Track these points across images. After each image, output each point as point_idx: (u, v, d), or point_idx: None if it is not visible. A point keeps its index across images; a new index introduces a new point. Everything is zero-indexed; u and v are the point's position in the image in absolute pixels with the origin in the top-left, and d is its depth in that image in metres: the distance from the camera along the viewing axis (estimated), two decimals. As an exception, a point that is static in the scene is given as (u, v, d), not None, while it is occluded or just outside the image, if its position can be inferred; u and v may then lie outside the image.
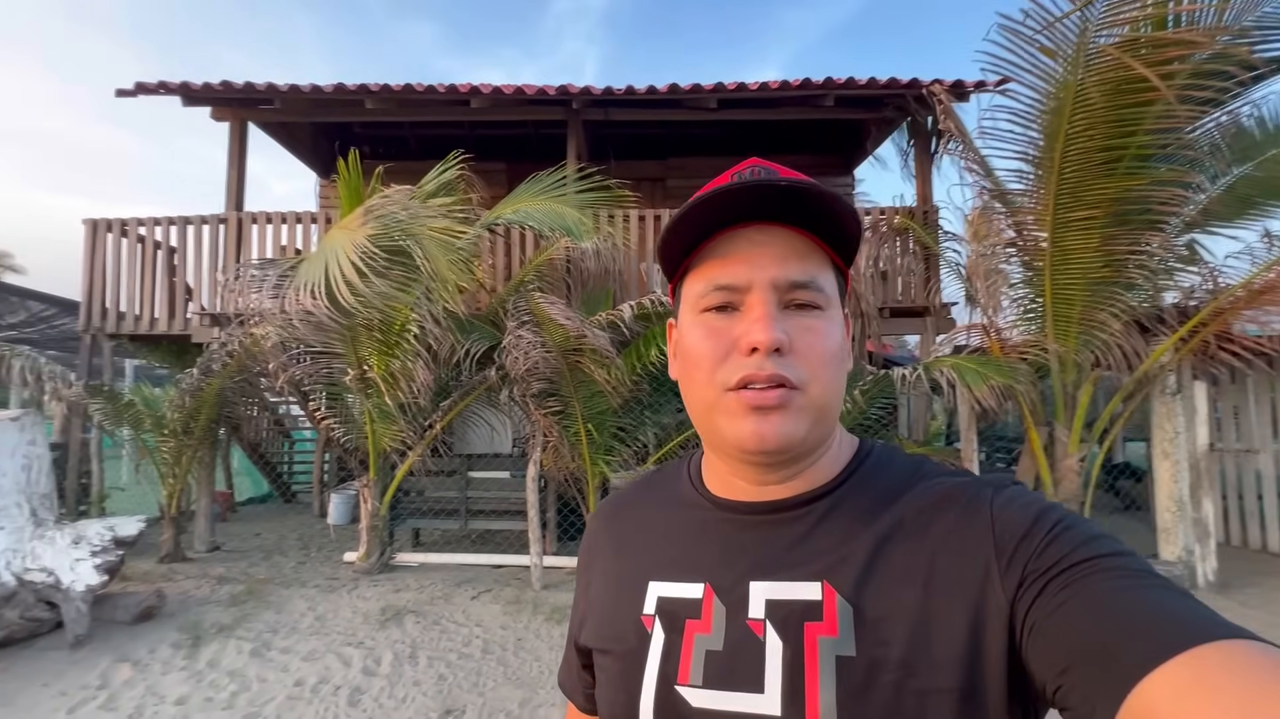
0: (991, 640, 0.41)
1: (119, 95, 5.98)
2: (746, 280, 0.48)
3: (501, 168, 7.82)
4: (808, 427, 0.48)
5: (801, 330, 0.48)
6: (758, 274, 0.48)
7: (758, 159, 0.53)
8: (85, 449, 6.00)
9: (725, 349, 0.48)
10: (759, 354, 0.47)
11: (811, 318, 0.49)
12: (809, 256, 0.49)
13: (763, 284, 0.48)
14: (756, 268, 0.48)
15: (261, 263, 4.46)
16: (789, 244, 0.49)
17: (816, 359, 0.48)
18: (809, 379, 0.48)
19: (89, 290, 5.95)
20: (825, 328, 0.49)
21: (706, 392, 0.50)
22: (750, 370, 0.47)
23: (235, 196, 6.18)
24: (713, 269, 0.50)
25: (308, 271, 3.87)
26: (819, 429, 0.50)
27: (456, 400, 5.08)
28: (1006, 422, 6.60)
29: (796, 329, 0.48)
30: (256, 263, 4.50)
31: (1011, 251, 4.70)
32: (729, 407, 0.48)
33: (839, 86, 5.77)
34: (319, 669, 3.28)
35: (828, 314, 0.49)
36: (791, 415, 0.47)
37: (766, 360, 0.47)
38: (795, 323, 0.48)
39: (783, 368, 0.47)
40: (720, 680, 0.47)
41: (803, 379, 0.47)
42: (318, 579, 4.76)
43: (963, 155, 4.66)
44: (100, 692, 3.05)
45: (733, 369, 0.48)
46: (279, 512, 7.75)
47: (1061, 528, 0.43)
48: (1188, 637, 0.33)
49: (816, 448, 0.52)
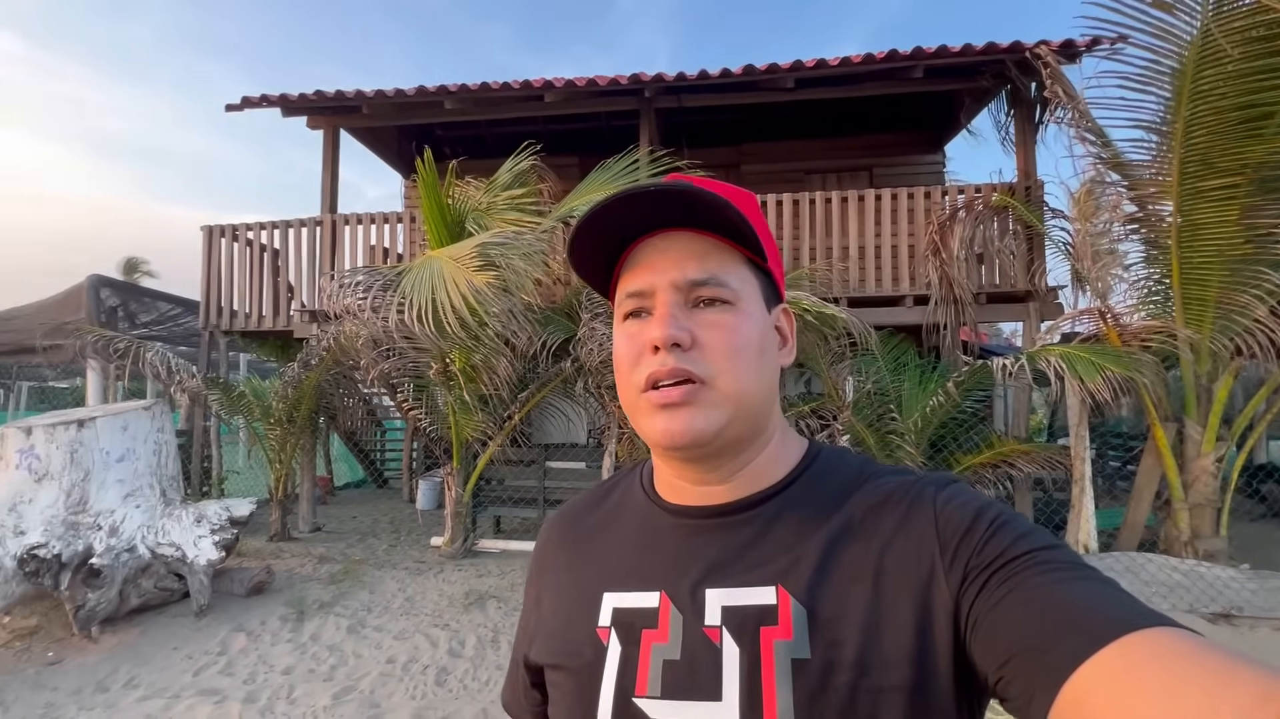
0: (939, 636, 0.42)
1: (228, 110, 6.48)
2: (650, 285, 0.50)
3: (574, 161, 7.88)
4: (722, 420, 0.49)
5: (706, 325, 0.49)
6: (658, 278, 0.50)
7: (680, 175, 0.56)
8: (206, 436, 6.60)
9: (638, 352, 0.50)
10: (662, 351, 0.48)
11: (718, 313, 0.50)
12: (710, 255, 0.50)
13: (663, 286, 0.50)
14: (657, 272, 0.50)
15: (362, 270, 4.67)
16: (689, 246, 0.50)
17: (722, 352, 0.49)
18: (715, 373, 0.48)
19: (206, 290, 6.51)
20: (733, 321, 0.49)
21: (626, 394, 0.52)
22: (655, 368, 0.49)
23: (329, 200, 6.57)
24: (627, 278, 0.52)
25: (414, 292, 3.99)
26: (740, 424, 0.50)
27: (534, 392, 5.18)
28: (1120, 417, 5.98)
29: (702, 324, 0.49)
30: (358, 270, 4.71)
31: (1132, 228, 4.23)
32: (642, 407, 0.50)
33: (929, 56, 5.38)
34: (408, 648, 3.44)
35: (738, 308, 0.50)
36: (700, 410, 0.48)
37: (669, 357, 0.48)
38: (701, 318, 0.49)
39: (686, 362, 0.48)
40: (678, 691, 0.46)
41: (708, 373, 0.48)
42: (407, 562, 5.00)
43: (1073, 123, 4.22)
44: (220, 657, 3.33)
45: (643, 369, 0.49)
46: (372, 496, 8.25)
47: (999, 524, 0.44)
48: (1117, 627, 0.34)
49: (745, 442, 0.52)
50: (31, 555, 3.37)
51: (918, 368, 4.90)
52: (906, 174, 7.56)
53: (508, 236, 4.17)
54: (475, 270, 3.95)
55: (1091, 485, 4.15)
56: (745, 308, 0.51)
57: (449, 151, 7.78)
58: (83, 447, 3.78)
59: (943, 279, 5.03)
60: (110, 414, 3.98)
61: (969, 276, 5.20)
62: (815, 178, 7.81)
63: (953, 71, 5.65)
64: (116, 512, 3.79)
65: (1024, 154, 5.55)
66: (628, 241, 0.53)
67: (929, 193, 5.62)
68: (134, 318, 7.22)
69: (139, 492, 3.96)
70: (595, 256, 0.54)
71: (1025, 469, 4.39)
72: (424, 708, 2.83)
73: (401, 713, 2.78)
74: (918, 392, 4.68)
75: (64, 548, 3.45)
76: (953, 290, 5.00)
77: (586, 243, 0.52)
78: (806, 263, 5.62)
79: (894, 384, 4.88)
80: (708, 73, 5.72)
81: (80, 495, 3.73)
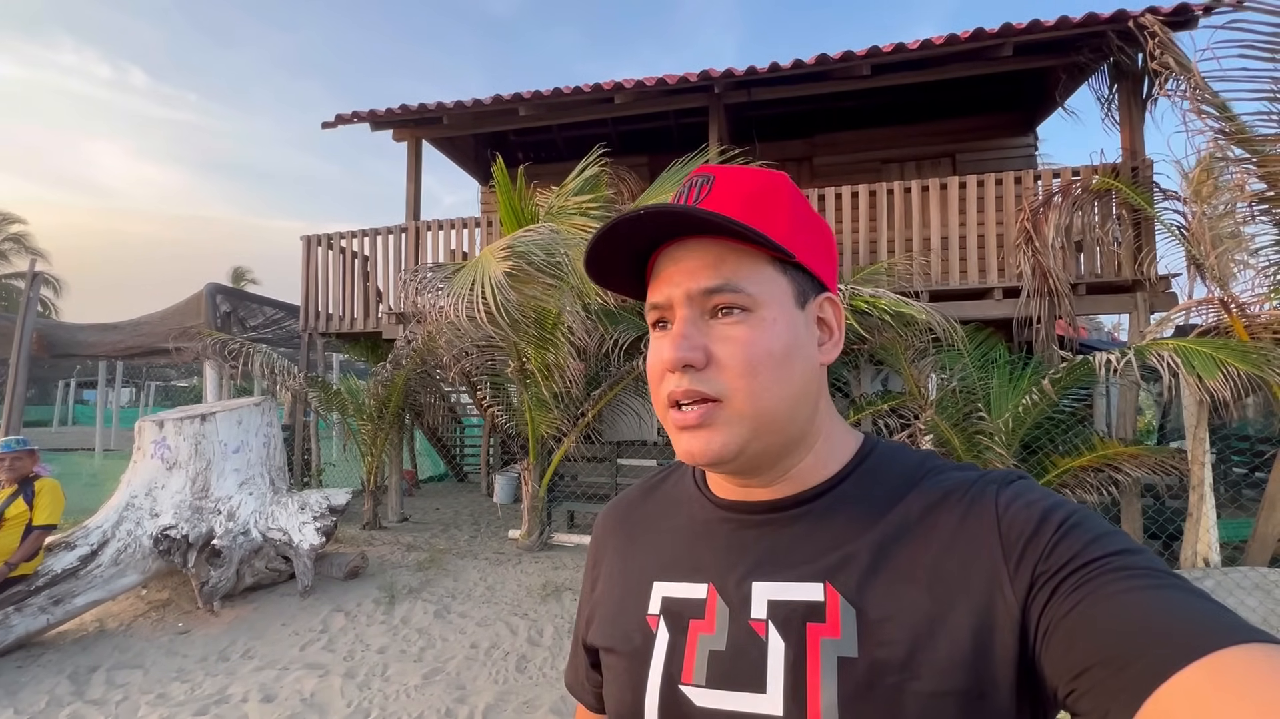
0: (1000, 644, 0.41)
1: (323, 127, 6.97)
2: (666, 298, 0.50)
3: (644, 161, 7.95)
4: (742, 438, 0.48)
5: (721, 340, 0.48)
6: (674, 290, 0.49)
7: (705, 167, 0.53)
8: (306, 430, 7.13)
9: (660, 370, 0.50)
10: (677, 372, 0.48)
11: (734, 324, 0.48)
12: (725, 260, 0.48)
13: (679, 300, 0.49)
14: (673, 284, 0.49)
15: (428, 267, 4.95)
16: (703, 254, 0.49)
17: (737, 369, 0.47)
18: (730, 391, 0.47)
19: (305, 295, 7.03)
20: (749, 334, 0.48)
21: (657, 408, 0.52)
22: (672, 387, 0.49)
23: (414, 208, 6.94)
24: (650, 289, 0.52)
25: (460, 283, 4.21)
26: (766, 438, 0.49)
27: (606, 390, 5.27)
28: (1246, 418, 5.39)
29: (717, 339, 0.48)
30: (426, 267, 5.00)
31: (1261, 208, 3.81)
32: (669, 424, 0.50)
33: (1019, 32, 5.05)
34: (490, 634, 3.59)
35: (756, 315, 0.48)
36: (718, 431, 0.48)
37: (684, 378, 0.48)
38: (718, 332, 0.48)
39: (700, 383, 0.47)
40: (723, 680, 0.47)
41: (723, 392, 0.47)
42: (487, 552, 5.22)
43: (1187, 96, 3.85)
44: (322, 635, 3.60)
45: (664, 387, 0.50)
46: (453, 489, 8.65)
47: (1069, 525, 0.42)
48: (1205, 641, 0.32)
49: (778, 453, 0.50)
50: (164, 535, 3.76)
51: (1007, 364, 4.62)
52: (993, 159, 7.12)
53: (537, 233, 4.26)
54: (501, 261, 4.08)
55: (1212, 493, 3.77)
56: (766, 313, 0.48)
57: (522, 156, 8.03)
58: (205, 439, 4.18)
59: (1036, 270, 4.71)
60: (227, 409, 4.38)
61: (1065, 266, 4.85)
62: (893, 167, 7.50)
63: (1046, 47, 5.27)
64: (233, 498, 4.17)
65: (1129, 132, 5.11)
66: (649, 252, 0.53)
67: (1019, 178, 5.27)
68: (244, 322, 7.90)
69: (251, 480, 4.33)
70: (622, 270, 0.54)
71: (1133, 473, 4.05)
72: (506, 692, 2.95)
73: (485, 695, 2.91)
74: (1008, 389, 4.41)
75: (190, 529, 3.83)
76: (1047, 281, 4.67)
77: (603, 263, 0.52)
78: (885, 256, 5.41)
79: (981, 381, 4.62)
80: (779, 65, 5.61)
81: (204, 483, 4.12)
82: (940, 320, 4.26)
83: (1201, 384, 3.46)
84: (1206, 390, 3.48)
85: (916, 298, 4.90)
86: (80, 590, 3.57)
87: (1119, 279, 4.92)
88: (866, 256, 5.54)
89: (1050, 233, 4.61)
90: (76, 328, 8.28)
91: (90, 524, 3.84)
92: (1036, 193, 5.13)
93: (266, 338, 7.98)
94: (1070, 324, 5.00)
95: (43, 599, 3.43)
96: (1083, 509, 0.44)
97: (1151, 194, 4.68)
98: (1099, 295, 5.12)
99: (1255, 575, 3.42)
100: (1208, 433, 3.83)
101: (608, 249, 0.51)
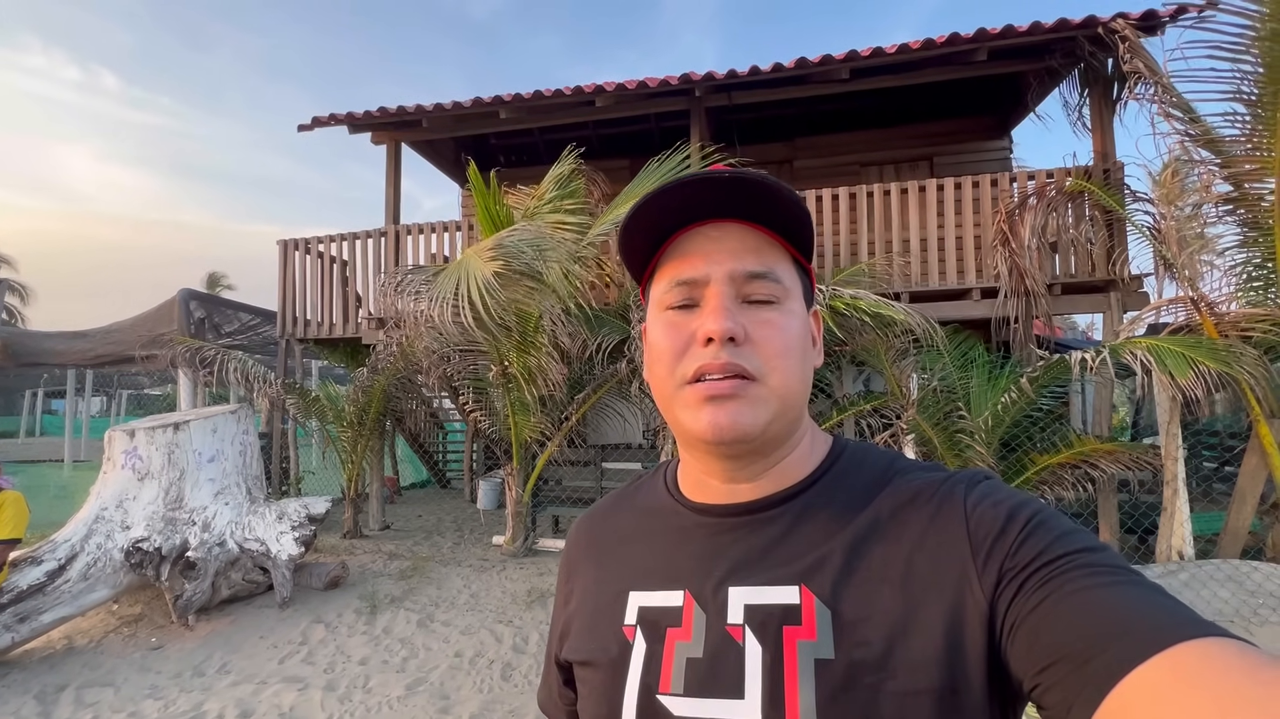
0: (970, 640, 0.41)
1: (300, 130, 6.85)
2: (704, 274, 0.50)
3: (624, 164, 7.93)
4: (768, 417, 0.48)
5: (758, 323, 0.49)
6: (714, 268, 0.49)
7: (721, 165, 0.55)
8: (284, 438, 7.00)
9: (684, 343, 0.49)
10: (714, 344, 0.48)
11: (768, 311, 0.49)
12: (765, 250, 0.50)
13: (719, 277, 0.49)
14: (713, 262, 0.49)
15: (409, 270, 4.89)
16: (744, 239, 0.50)
17: (773, 350, 0.48)
18: (766, 370, 0.48)
19: (282, 301, 6.91)
20: (782, 320, 0.49)
21: (666, 386, 0.51)
22: (706, 361, 0.48)
23: (393, 211, 6.86)
24: (673, 267, 0.51)
25: (444, 286, 4.16)
26: (782, 421, 0.50)
27: (590, 393, 5.25)
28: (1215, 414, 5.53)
29: (753, 322, 0.49)
30: (405, 270, 4.94)
31: (1226, 209, 3.91)
32: (687, 399, 0.49)
33: (993, 37, 5.14)
34: (475, 643, 3.54)
35: (786, 307, 0.50)
36: (748, 405, 0.48)
37: (721, 350, 0.47)
38: (752, 316, 0.49)
39: (738, 357, 0.47)
40: (701, 688, 0.47)
41: (759, 369, 0.48)
42: (471, 559, 5.16)
43: (1156, 99, 3.94)
44: (302, 647, 3.53)
45: (690, 361, 0.49)
46: (436, 496, 8.54)
47: (1035, 524, 0.43)
48: (1165, 636, 0.33)
49: (782, 441, 0.52)
50: (136, 548, 3.66)
51: (986, 363, 4.68)
52: (970, 162, 7.24)
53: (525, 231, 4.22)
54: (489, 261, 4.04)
55: (1185, 487, 3.85)
56: (792, 306, 0.51)
57: (503, 159, 8.00)
58: (178, 448, 4.08)
59: (1013, 270, 4.79)
60: (202, 418, 4.28)
61: (1041, 267, 4.93)
62: (872, 170, 7.58)
63: (1019, 52, 5.37)
64: (209, 508, 4.07)
65: (1100, 135, 5.22)
66: (670, 231, 0.52)
67: (995, 180, 5.36)
68: (218, 328, 7.74)
69: (227, 490, 4.23)
70: (639, 241, 0.53)
71: (1109, 469, 4.12)
72: (491, 701, 2.90)
73: (470, 705, 2.87)
74: (987, 388, 4.47)
75: (164, 541, 3.73)
76: (1024, 282, 4.75)
77: (644, 220, 0.51)
78: (865, 257, 5.46)
79: (961, 381, 4.67)
80: (759, 68, 5.65)
81: (177, 493, 4.02)
82: (920, 321, 4.31)
83: (1174, 381, 3.53)
84: (1178, 388, 3.56)
85: (897, 299, 4.95)
86: (48, 607, 3.45)
87: (1093, 279, 5.02)
88: (847, 258, 5.58)
89: (1026, 234, 4.69)
90: (44, 335, 8.06)
91: (58, 538, 3.72)
92: (1012, 195, 5.22)
93: (242, 344, 7.83)
94: (1046, 323, 5.09)
95: (7, 617, 3.31)
96: (1048, 508, 0.45)
97: (1123, 196, 4.79)
98: (1074, 295, 5.22)
99: (1228, 568, 3.50)
100: (1180, 429, 3.91)
101: (658, 210, 0.50)
